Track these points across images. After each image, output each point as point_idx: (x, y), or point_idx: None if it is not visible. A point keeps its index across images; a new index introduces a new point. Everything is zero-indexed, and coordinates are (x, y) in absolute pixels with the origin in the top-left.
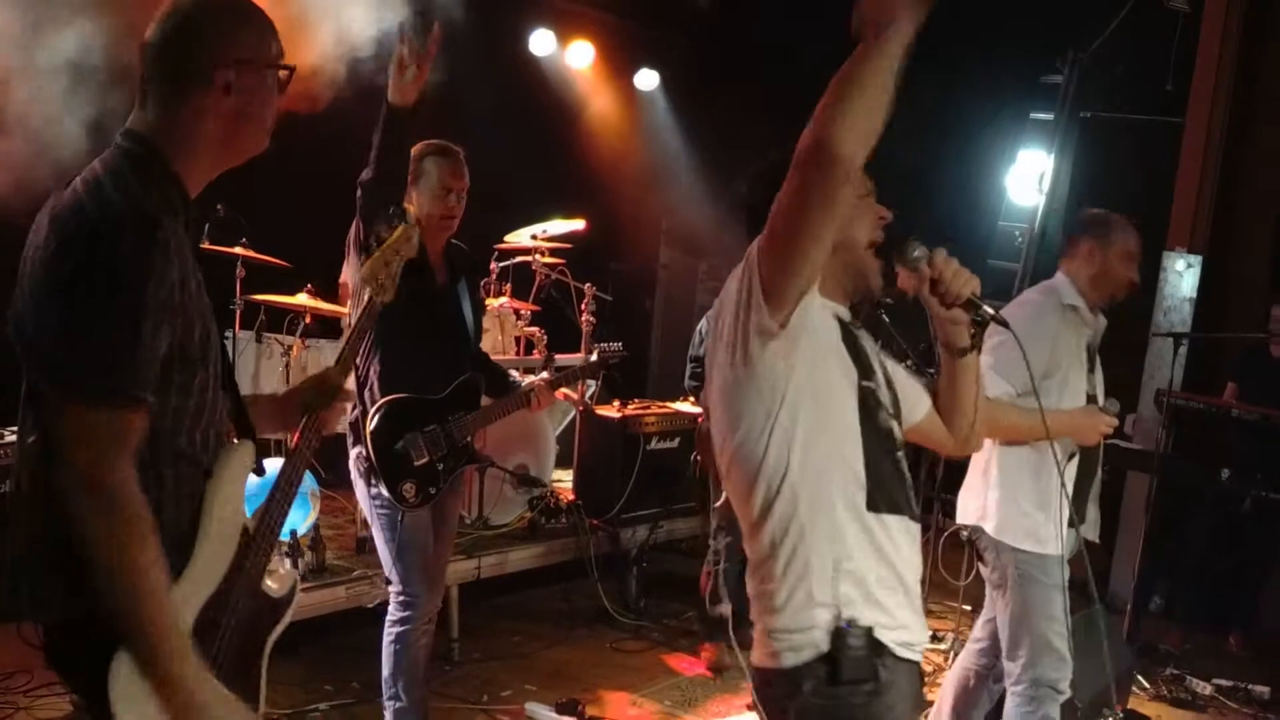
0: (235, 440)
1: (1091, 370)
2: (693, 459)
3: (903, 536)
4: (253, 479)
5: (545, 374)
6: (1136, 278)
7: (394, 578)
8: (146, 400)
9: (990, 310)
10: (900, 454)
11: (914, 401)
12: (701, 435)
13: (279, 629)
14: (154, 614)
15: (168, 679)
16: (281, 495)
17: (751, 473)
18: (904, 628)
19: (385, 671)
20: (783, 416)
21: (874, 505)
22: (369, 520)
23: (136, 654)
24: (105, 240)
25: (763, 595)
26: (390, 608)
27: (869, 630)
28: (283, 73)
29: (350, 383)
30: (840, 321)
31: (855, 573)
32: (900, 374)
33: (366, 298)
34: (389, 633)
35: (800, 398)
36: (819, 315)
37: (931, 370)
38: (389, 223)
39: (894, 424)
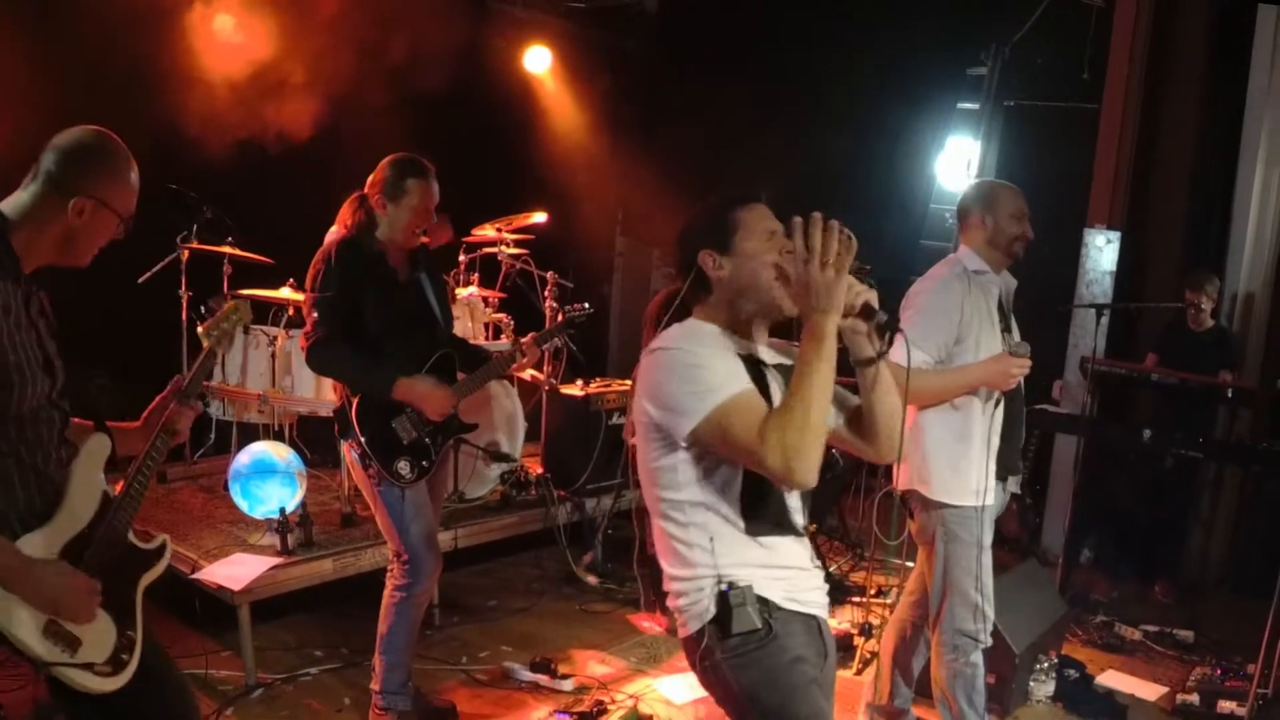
0: (94, 436)
1: (1007, 329)
2: (626, 437)
3: (788, 547)
4: (242, 460)
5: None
6: (1030, 233)
7: (402, 549)
8: None
9: (885, 315)
10: None
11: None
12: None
13: (153, 574)
14: None
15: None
16: (137, 482)
17: (661, 497)
18: (789, 586)
19: (383, 630)
20: (681, 464)
21: (752, 531)
22: (371, 502)
23: None
24: None
25: (667, 579)
26: (395, 574)
27: (749, 588)
28: (121, 226)
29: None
30: (749, 361)
31: (734, 556)
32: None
33: (206, 346)
34: (393, 595)
35: (691, 457)
36: (727, 378)
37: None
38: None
39: None
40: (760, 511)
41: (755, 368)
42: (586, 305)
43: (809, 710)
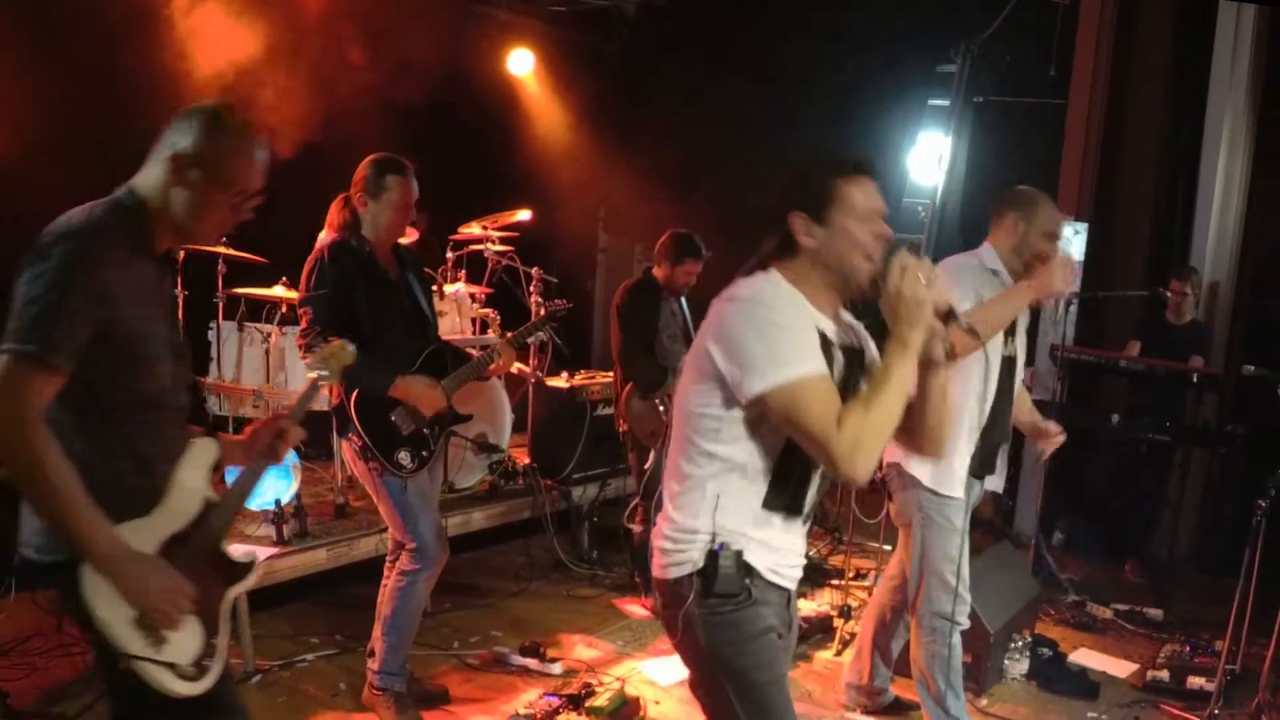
0: (203, 438)
1: (1011, 334)
2: (619, 429)
3: (788, 529)
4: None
5: (506, 336)
6: (1052, 255)
7: (407, 537)
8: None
9: (967, 321)
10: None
11: None
12: (622, 404)
13: (240, 587)
14: (72, 505)
15: (96, 550)
16: (239, 493)
17: (693, 441)
18: (776, 559)
19: (386, 613)
20: (729, 421)
21: (767, 505)
22: (374, 494)
23: (71, 541)
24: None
25: (665, 516)
26: (403, 561)
27: (739, 553)
28: (241, 200)
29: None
30: (823, 338)
31: (735, 520)
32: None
33: (311, 378)
34: (400, 580)
35: (743, 418)
36: (807, 353)
37: None
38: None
39: None
40: (782, 491)
41: (825, 346)
42: (565, 301)
43: (771, 678)
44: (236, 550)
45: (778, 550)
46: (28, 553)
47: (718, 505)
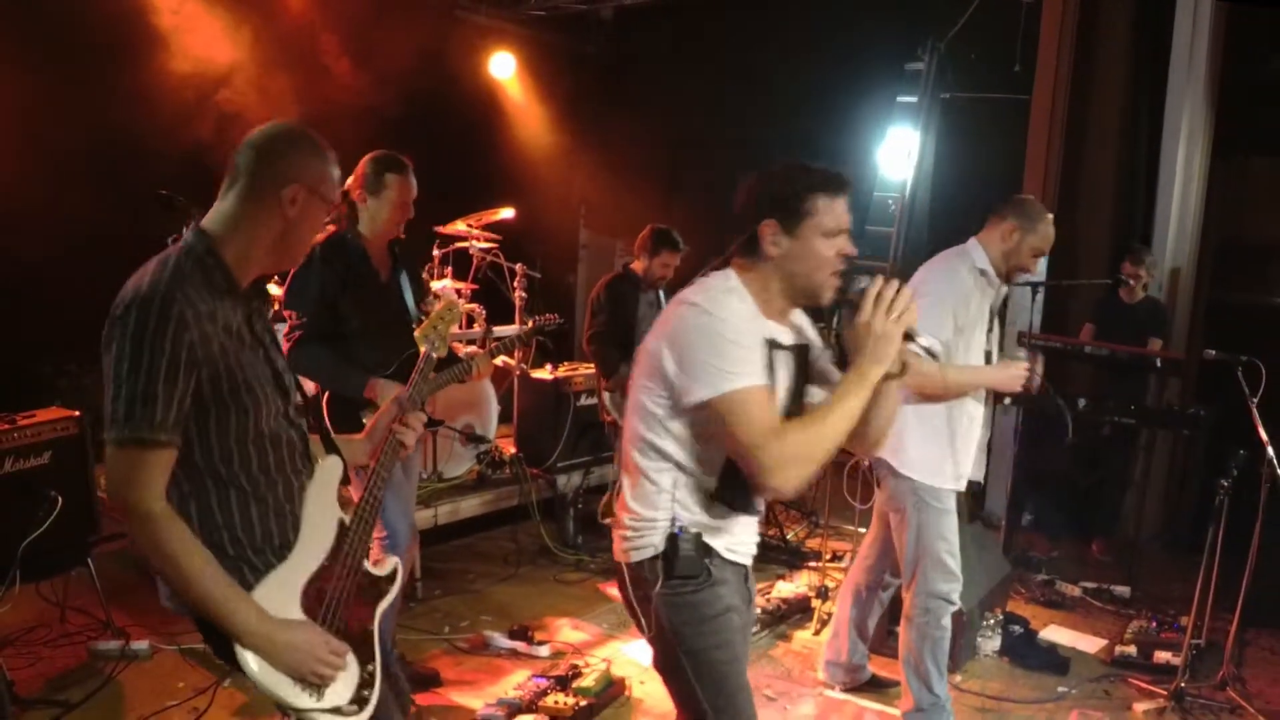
0: (324, 458)
1: (990, 329)
2: (603, 419)
3: (739, 522)
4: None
5: (484, 346)
6: (1033, 271)
7: (378, 527)
8: (169, 441)
9: (925, 342)
10: None
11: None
12: (603, 396)
13: (386, 601)
14: (211, 595)
15: (241, 631)
16: (370, 501)
17: (644, 436)
18: (731, 539)
19: None
20: (676, 419)
21: (719, 497)
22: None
23: (220, 627)
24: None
25: (622, 504)
26: (374, 551)
27: (698, 535)
28: (330, 214)
29: (418, 418)
30: (773, 344)
31: (691, 508)
32: (827, 374)
33: (423, 351)
34: None
35: (691, 420)
36: (752, 365)
37: None
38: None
39: None
40: (732, 487)
41: (772, 351)
42: (556, 316)
43: (729, 656)
44: (376, 565)
45: (734, 533)
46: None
47: (674, 494)
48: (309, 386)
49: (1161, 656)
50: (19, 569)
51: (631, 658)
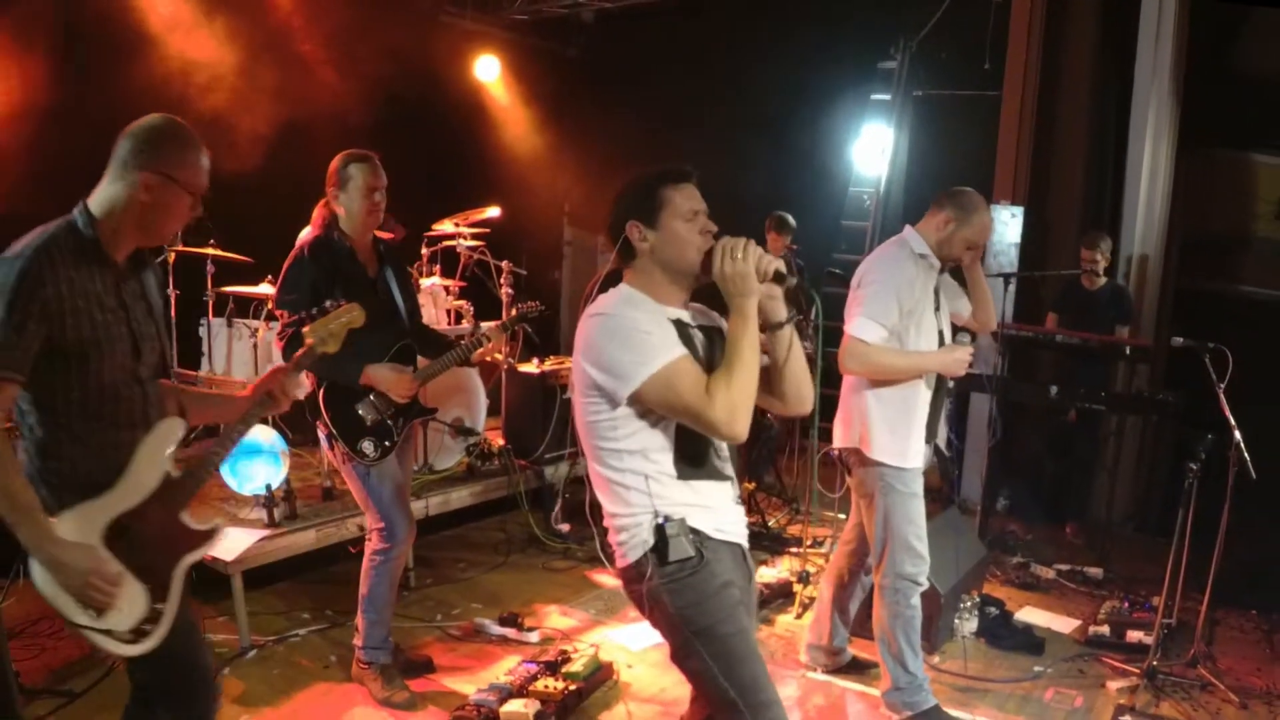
0: (167, 418)
1: (938, 309)
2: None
3: (713, 490)
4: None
5: (493, 323)
6: (965, 262)
7: (374, 518)
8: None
9: (794, 279)
10: None
11: None
12: None
13: (196, 554)
14: (12, 506)
15: (32, 545)
16: (208, 459)
17: (598, 447)
18: (717, 518)
19: (364, 591)
20: (621, 418)
21: (683, 476)
22: (346, 478)
23: (16, 536)
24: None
25: (607, 515)
26: (374, 540)
27: (683, 520)
28: (193, 203)
29: (296, 386)
30: (678, 325)
31: (670, 497)
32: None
33: (308, 343)
34: (372, 559)
35: (630, 413)
36: (666, 344)
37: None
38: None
39: None
40: (691, 460)
41: (683, 330)
42: (538, 303)
43: (734, 628)
44: (201, 520)
45: (716, 508)
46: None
47: (648, 488)
48: (307, 381)
49: (1134, 636)
50: (23, 564)
51: (619, 643)
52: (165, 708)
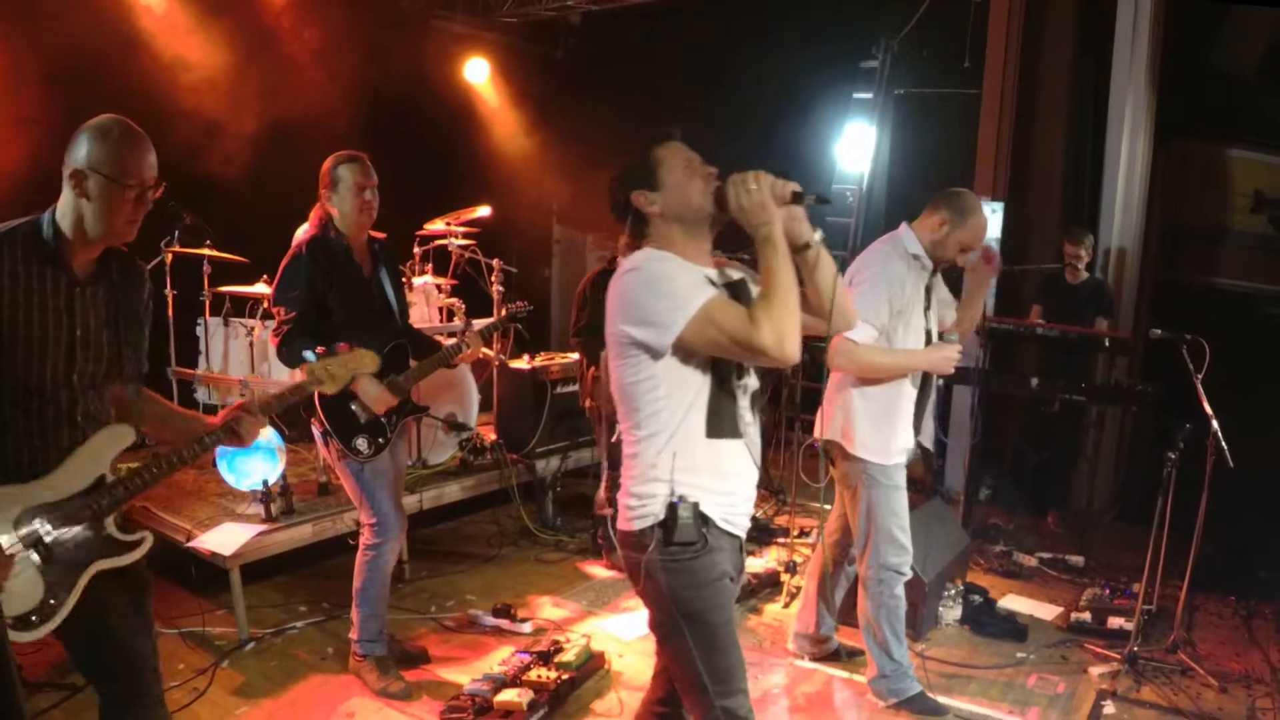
0: (116, 425)
1: (928, 309)
2: (584, 405)
3: (735, 454)
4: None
5: (474, 325)
6: (960, 264)
7: (366, 514)
8: None
9: (812, 195)
10: (742, 381)
11: None
12: (588, 383)
13: (112, 562)
14: None
15: None
16: (147, 473)
17: (632, 410)
18: (729, 508)
19: (357, 585)
20: (661, 374)
21: (712, 434)
22: (338, 473)
23: None
24: None
25: (625, 478)
26: (366, 535)
27: (696, 505)
28: (133, 193)
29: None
30: (711, 283)
31: (691, 469)
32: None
33: (301, 382)
34: (365, 555)
35: (671, 366)
36: (698, 285)
37: None
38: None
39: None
40: (720, 418)
41: (709, 284)
42: (526, 302)
43: (724, 619)
44: (129, 530)
45: (731, 493)
46: None
47: (674, 458)
48: (299, 378)
49: (1115, 622)
50: None
51: (610, 633)
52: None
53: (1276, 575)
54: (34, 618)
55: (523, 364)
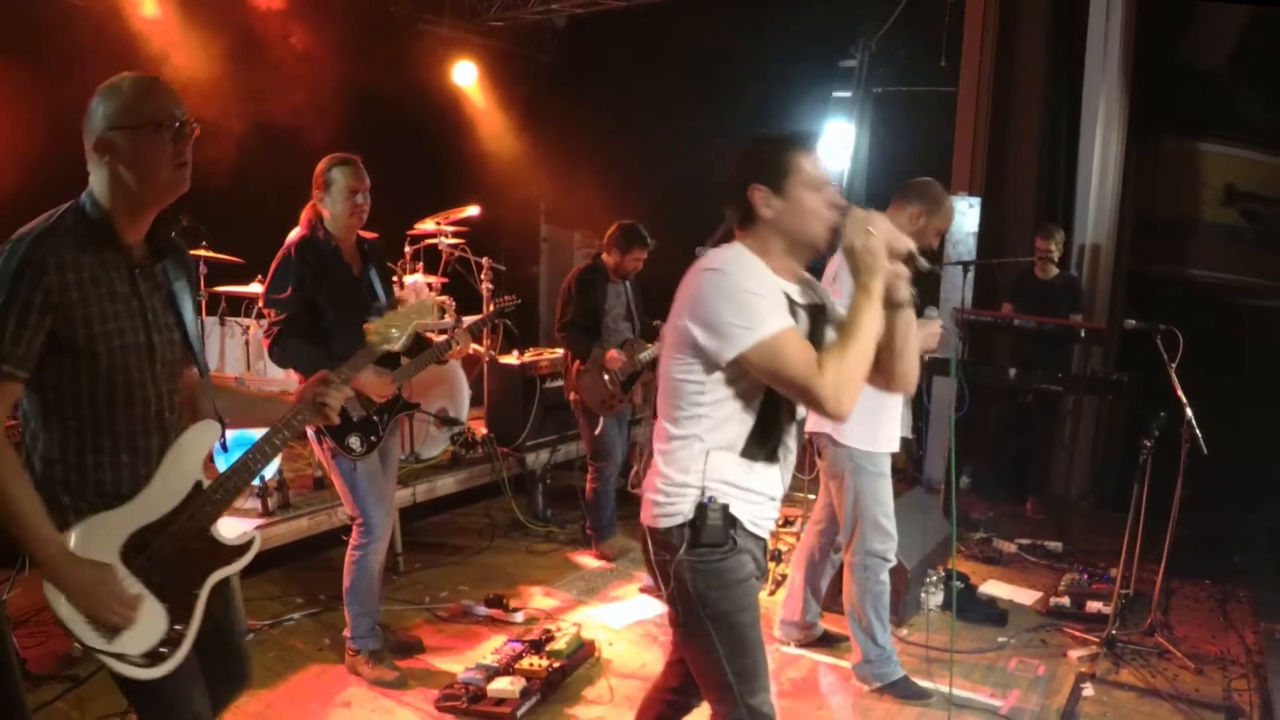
0: (201, 422)
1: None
2: (569, 399)
3: (768, 474)
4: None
5: (464, 323)
6: (935, 247)
7: (354, 512)
8: (11, 373)
9: (925, 263)
10: (796, 410)
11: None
12: (572, 377)
13: (226, 570)
14: (16, 516)
15: (40, 559)
16: (244, 468)
17: (676, 405)
18: (756, 510)
19: (346, 584)
20: (711, 383)
21: (747, 454)
22: (330, 472)
23: (22, 549)
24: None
25: (654, 471)
26: (354, 535)
27: (725, 506)
28: (170, 131)
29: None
30: (788, 299)
31: (722, 476)
32: (832, 328)
33: (369, 343)
34: (352, 554)
35: (723, 379)
36: (775, 311)
37: None
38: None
39: None
40: (760, 440)
41: (790, 306)
42: (514, 297)
43: (751, 619)
44: (231, 532)
45: (759, 499)
46: None
47: (706, 460)
48: (293, 377)
49: (1093, 606)
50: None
51: (600, 621)
52: None
53: (1251, 559)
54: (164, 649)
55: (512, 360)
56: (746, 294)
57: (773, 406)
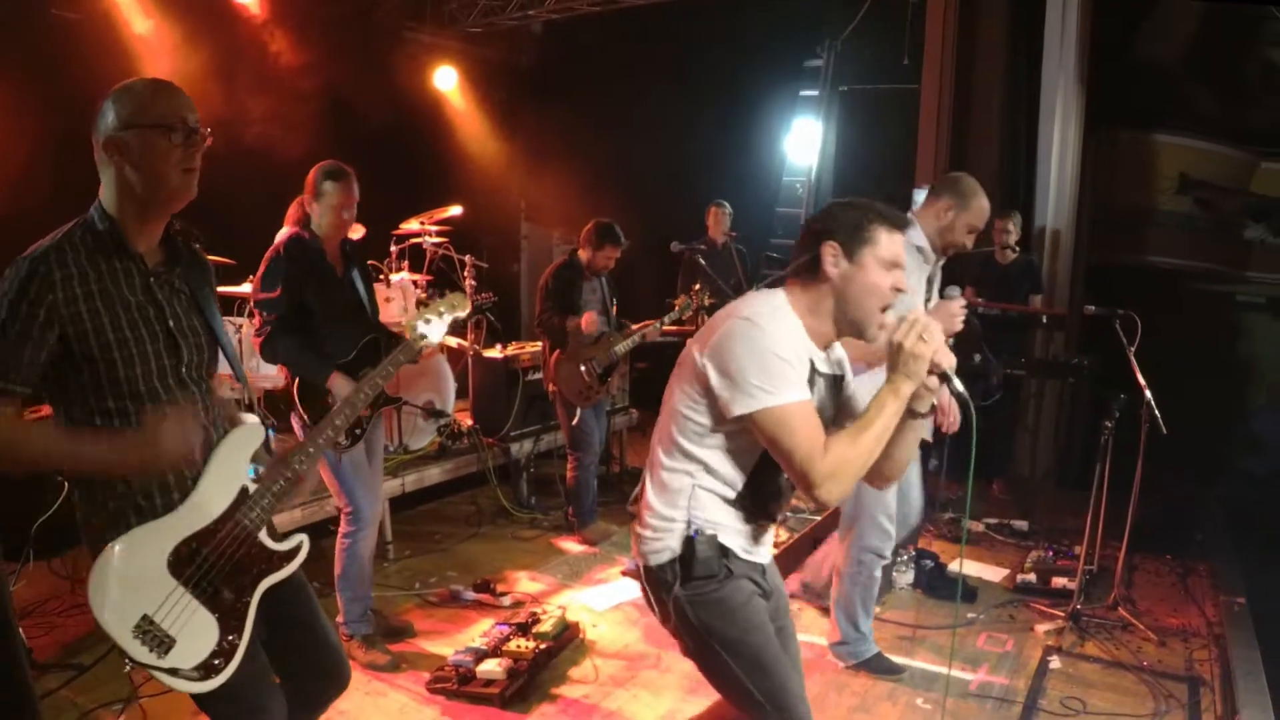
0: (243, 420)
1: (928, 301)
2: (548, 390)
3: (755, 530)
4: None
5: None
6: (969, 246)
7: (342, 502)
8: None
9: (960, 387)
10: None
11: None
12: (550, 368)
13: (276, 576)
14: (60, 457)
15: (103, 462)
16: (289, 474)
17: (675, 438)
18: (748, 539)
19: (337, 571)
20: (711, 430)
21: (739, 504)
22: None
23: (73, 467)
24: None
25: (644, 506)
26: (343, 523)
27: (713, 537)
28: (178, 135)
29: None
30: (811, 366)
31: (709, 516)
32: (852, 403)
33: (406, 341)
34: (342, 542)
35: (728, 430)
36: (796, 383)
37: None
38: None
39: None
40: (753, 497)
41: (811, 373)
42: (491, 294)
43: (763, 637)
44: (281, 538)
45: (750, 536)
46: None
47: (692, 496)
48: (282, 373)
49: (1059, 582)
50: (32, 548)
51: (584, 604)
52: None
53: (1210, 535)
54: (217, 661)
55: (495, 353)
56: (774, 356)
57: (769, 469)
